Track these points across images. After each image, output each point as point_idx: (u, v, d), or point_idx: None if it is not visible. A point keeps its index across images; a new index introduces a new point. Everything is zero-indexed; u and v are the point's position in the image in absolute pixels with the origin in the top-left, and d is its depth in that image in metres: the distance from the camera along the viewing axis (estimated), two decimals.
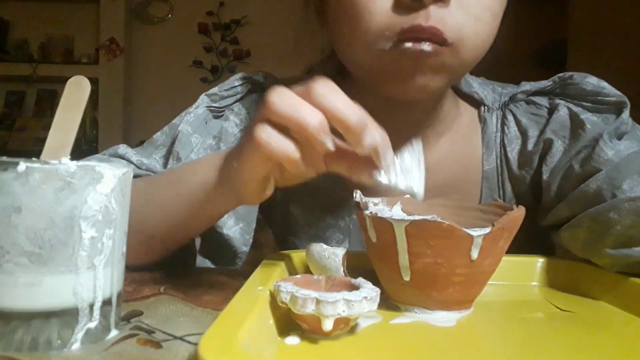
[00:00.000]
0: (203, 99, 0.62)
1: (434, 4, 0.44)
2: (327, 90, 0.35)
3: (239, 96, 0.63)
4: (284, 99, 0.35)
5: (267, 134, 0.35)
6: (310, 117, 0.34)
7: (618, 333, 0.37)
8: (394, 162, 0.38)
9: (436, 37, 0.45)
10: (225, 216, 0.57)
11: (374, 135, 0.36)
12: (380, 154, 0.36)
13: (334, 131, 0.35)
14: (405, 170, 0.39)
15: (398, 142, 0.62)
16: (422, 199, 0.39)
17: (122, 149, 0.60)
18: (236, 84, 0.63)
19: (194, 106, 0.62)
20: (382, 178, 0.37)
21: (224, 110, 0.63)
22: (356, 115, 0.34)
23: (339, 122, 0.34)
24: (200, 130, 0.61)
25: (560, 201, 0.52)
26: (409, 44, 0.45)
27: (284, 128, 0.35)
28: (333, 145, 0.35)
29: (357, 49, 0.49)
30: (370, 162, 0.37)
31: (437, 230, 0.36)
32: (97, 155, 0.61)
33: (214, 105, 0.62)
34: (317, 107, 0.34)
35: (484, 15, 0.47)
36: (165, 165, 0.59)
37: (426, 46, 0.45)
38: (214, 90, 0.63)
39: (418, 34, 0.45)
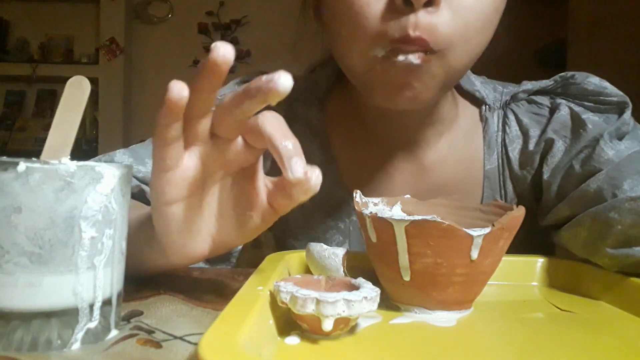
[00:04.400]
0: None
1: (425, 7, 0.45)
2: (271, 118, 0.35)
3: None
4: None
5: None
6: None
7: (618, 333, 0.37)
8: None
9: (423, 47, 0.45)
10: None
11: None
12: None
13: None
14: None
15: (396, 144, 0.63)
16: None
17: (119, 156, 0.59)
18: (235, 87, 0.63)
19: None
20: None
21: None
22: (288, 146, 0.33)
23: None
24: None
25: (560, 201, 0.52)
26: (401, 57, 0.46)
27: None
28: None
29: (353, 54, 0.49)
30: None
31: (437, 230, 0.36)
32: (93, 159, 0.60)
33: (213, 109, 0.62)
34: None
35: (475, 20, 0.47)
36: None
37: (414, 59, 0.46)
38: None
39: (406, 44, 0.45)
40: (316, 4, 0.58)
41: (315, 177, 0.33)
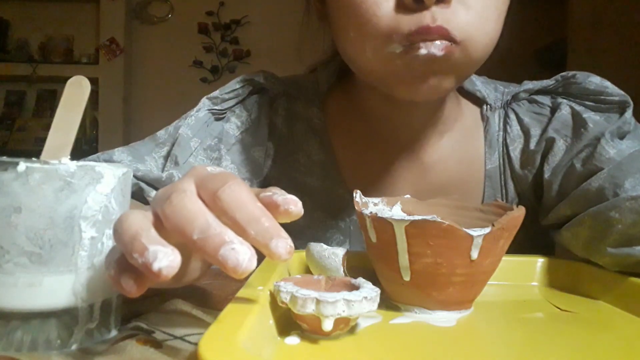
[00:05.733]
0: (204, 102, 0.62)
1: (437, 4, 0.45)
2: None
3: (240, 98, 0.63)
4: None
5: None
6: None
7: (618, 333, 0.37)
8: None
9: (445, 37, 0.45)
10: None
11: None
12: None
13: None
14: None
15: (398, 143, 0.63)
16: None
17: (117, 155, 0.59)
18: (237, 86, 0.63)
19: (195, 109, 0.62)
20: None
21: (225, 112, 0.63)
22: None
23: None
24: (200, 134, 0.60)
25: (561, 200, 0.52)
26: (422, 51, 0.45)
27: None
28: None
29: (367, 53, 0.49)
30: None
31: (437, 230, 0.36)
32: (92, 156, 0.59)
33: (215, 108, 0.62)
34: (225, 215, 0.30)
35: (488, 13, 0.47)
36: (163, 166, 0.59)
37: (438, 50, 0.45)
38: (215, 93, 0.63)
39: (426, 35, 0.45)
40: (320, 5, 0.58)
41: (295, 205, 0.34)
